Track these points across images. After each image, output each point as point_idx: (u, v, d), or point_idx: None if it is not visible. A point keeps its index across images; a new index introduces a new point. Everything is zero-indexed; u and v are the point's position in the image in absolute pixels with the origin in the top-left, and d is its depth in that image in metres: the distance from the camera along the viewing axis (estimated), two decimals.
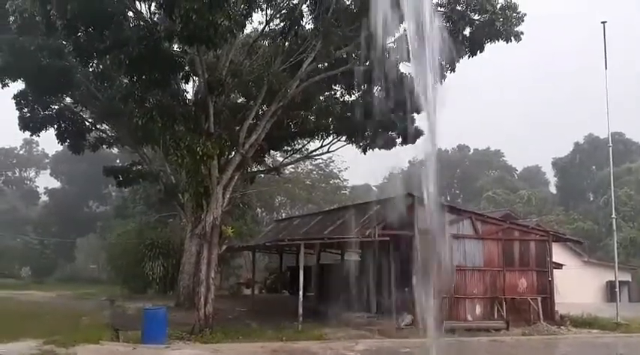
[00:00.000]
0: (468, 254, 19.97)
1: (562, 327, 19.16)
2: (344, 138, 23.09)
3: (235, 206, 29.86)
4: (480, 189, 65.05)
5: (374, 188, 74.50)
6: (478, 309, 19.60)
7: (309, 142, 25.18)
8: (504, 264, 20.22)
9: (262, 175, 30.07)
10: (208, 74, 16.84)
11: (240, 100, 22.68)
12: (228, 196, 17.14)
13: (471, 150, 77.57)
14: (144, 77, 16.14)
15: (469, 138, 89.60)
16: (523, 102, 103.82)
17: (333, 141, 23.83)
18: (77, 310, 19.97)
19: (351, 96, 21.56)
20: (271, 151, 26.58)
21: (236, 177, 17.33)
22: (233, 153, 17.58)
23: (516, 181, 68.18)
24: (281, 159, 31.19)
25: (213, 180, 16.44)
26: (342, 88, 21.51)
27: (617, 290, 23.42)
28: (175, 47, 17.26)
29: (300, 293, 17.35)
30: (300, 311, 16.84)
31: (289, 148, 25.87)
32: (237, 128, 18.18)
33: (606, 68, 22.70)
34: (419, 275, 18.76)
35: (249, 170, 20.80)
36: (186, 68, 18.04)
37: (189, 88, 21.43)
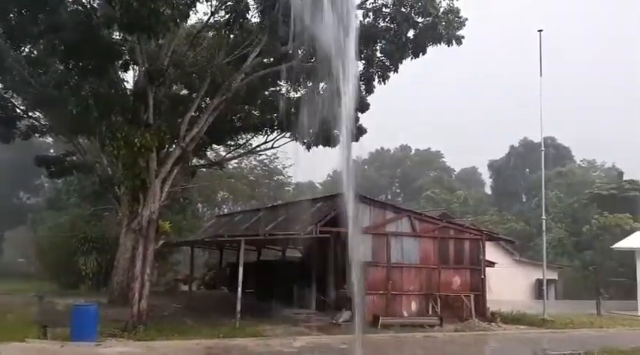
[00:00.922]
0: (406, 251, 20.39)
1: (493, 324, 19.91)
2: (288, 134, 23.04)
3: (175, 200, 29.21)
4: (419, 189, 66.73)
5: (318, 185, 75.09)
6: (414, 306, 20.06)
7: (252, 137, 24.95)
8: (440, 261, 20.79)
9: (204, 169, 29.58)
10: (149, 64, 16.35)
11: (182, 92, 22.19)
12: (166, 190, 16.72)
13: (413, 151, 79.42)
14: (80, 64, 15.50)
15: (412, 139, 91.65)
16: (464, 104, 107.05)
17: (278, 137, 23.73)
18: (2, 306, 18.94)
19: (296, 93, 21.53)
20: (214, 145, 26.18)
21: (175, 171, 16.91)
22: (173, 146, 17.17)
23: (454, 182, 70.39)
24: (224, 153, 30.78)
25: (151, 173, 15.99)
26: (287, 83, 21.44)
27: (545, 288, 24.60)
28: (115, 34, 16.67)
29: (239, 289, 17.17)
30: (239, 307, 16.66)
31: (232, 143, 25.56)
32: (179, 120, 17.77)
33: (541, 75, 23.75)
34: (356, 272, 19.03)
35: (189, 164, 20.38)
36: (126, 56, 17.46)
37: (129, 77, 20.77)
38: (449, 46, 17.97)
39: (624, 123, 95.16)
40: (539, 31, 23.85)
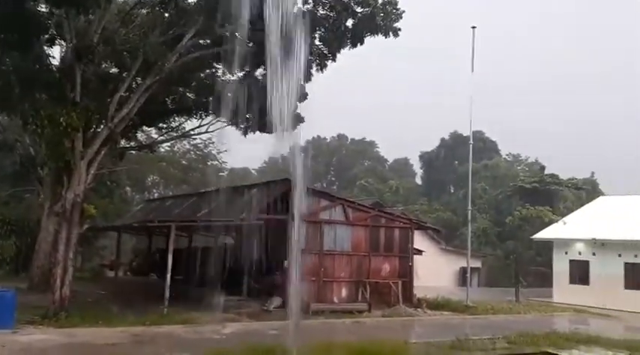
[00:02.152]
0: (338, 239, 20.69)
1: (419, 309, 20.63)
2: (224, 118, 22.63)
3: (102, 183, 28.11)
4: (354, 178, 67.72)
5: (253, 172, 74.55)
6: (344, 292, 20.42)
7: (186, 120, 24.32)
8: (370, 249, 21.24)
9: (134, 152, 28.58)
10: (77, 40, 15.56)
11: (113, 71, 21.26)
12: (92, 172, 16.04)
13: (349, 140, 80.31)
14: (2, 37, 14.51)
15: (348, 128, 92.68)
16: (399, 96, 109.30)
17: (213, 122, 23.27)
18: None
19: (233, 76, 21.16)
20: (144, 127, 25.32)
21: (102, 153, 16.26)
22: (101, 126, 16.48)
23: (387, 172, 71.92)
24: (156, 136, 29.85)
25: (76, 154, 15.29)
26: (224, 66, 21.02)
27: (469, 275, 25.72)
28: (41, 7, 15.70)
29: (168, 276, 16.84)
30: (167, 294, 16.35)
31: (164, 125, 24.81)
32: (108, 100, 17.05)
33: (472, 71, 24.61)
34: (290, 259, 19.12)
35: (118, 145, 19.62)
36: (52, 31, 16.51)
37: (56, 53, 19.65)
38: (386, 37, 18.18)
39: (548, 120, 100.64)
40: (473, 27, 24.68)
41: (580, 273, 29.19)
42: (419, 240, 25.93)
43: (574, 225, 31.30)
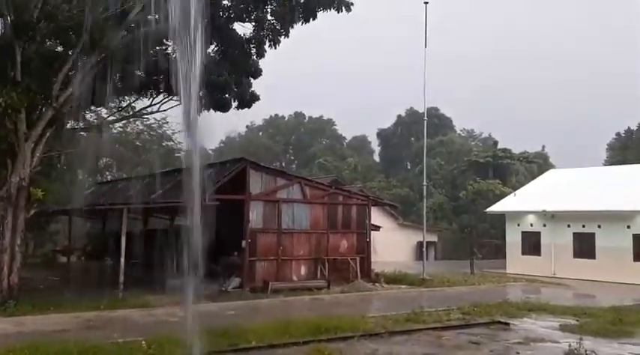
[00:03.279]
0: (296, 217, 20.67)
1: (376, 284, 20.96)
2: (177, 97, 22.05)
3: (51, 166, 27.07)
4: (312, 156, 67.69)
5: (210, 152, 73.51)
6: (303, 270, 20.51)
7: (136, 100, 23.57)
8: (329, 226, 21.34)
9: (84, 133, 27.59)
10: (16, 15, 14.72)
11: (57, 49, 20.32)
12: (38, 155, 15.42)
13: (307, 118, 79.99)
14: None
15: (305, 106, 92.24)
16: (356, 75, 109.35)
17: (164, 100, 22.63)
18: None
19: None
20: (93, 107, 24.43)
21: (48, 134, 15.61)
22: (46, 107, 15.77)
23: (345, 149, 72.16)
24: (106, 116, 28.86)
25: (20, 136, 14.64)
26: (175, 43, 20.39)
27: (425, 249, 26.25)
28: None
29: (122, 259, 16.48)
30: (122, 278, 16.03)
31: (114, 105, 23.98)
32: (53, 79, 16.30)
33: (426, 46, 24.73)
34: (247, 239, 19.03)
35: (65, 126, 18.89)
36: None
37: None
38: (338, 12, 17.98)
39: (502, 96, 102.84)
40: (425, 2, 24.72)
41: (532, 244, 30.24)
42: (377, 216, 26.23)
43: (526, 198, 32.30)
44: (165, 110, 23.57)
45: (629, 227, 26.34)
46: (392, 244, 33.32)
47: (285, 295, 17.60)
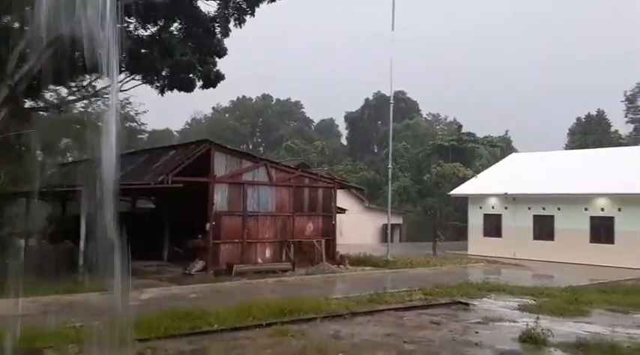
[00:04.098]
0: (262, 200, 20.56)
1: (341, 266, 21.10)
2: (138, 77, 21.51)
3: (9, 147, 26.16)
4: (280, 138, 67.38)
5: (175, 133, 72.24)
6: (268, 252, 20.48)
7: (97, 79, 22.90)
8: (294, 209, 21.32)
9: (43, 113, 26.71)
10: None
11: (15, 25, 19.48)
12: None
13: (274, 100, 79.40)
14: None
15: (273, 88, 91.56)
16: (324, 56, 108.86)
17: (126, 80, 22.06)
18: None
19: (146, 31, 20.04)
20: (52, 86, 23.63)
21: (3, 113, 15.02)
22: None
23: (313, 132, 72.07)
24: (66, 95, 27.97)
25: None
26: (137, 21, 19.84)
27: (389, 231, 26.53)
28: None
29: (82, 242, 16.11)
30: (81, 261, 15.69)
31: (74, 84, 23.25)
32: (8, 56, 15.64)
33: (393, 29, 24.72)
34: (212, 222, 18.84)
35: (22, 105, 18.23)
36: None
37: None
38: None
39: (466, 81, 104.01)
40: None
41: (493, 226, 30.93)
42: (343, 199, 26.36)
43: (488, 181, 32.91)
44: (126, 90, 23.08)
45: (586, 209, 27.17)
46: (358, 227, 33.59)
47: (250, 278, 17.56)
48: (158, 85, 21.36)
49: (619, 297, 13.75)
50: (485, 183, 32.58)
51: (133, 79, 21.73)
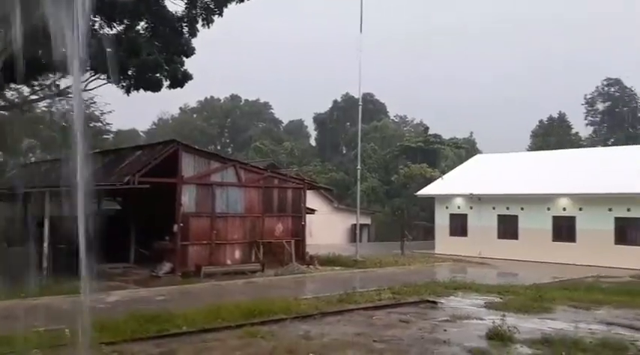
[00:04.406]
0: (231, 201, 20.42)
1: (311, 266, 21.14)
2: (104, 76, 21.09)
3: None
4: (249, 139, 66.99)
5: (141, 133, 71.00)
6: (237, 254, 20.35)
7: (61, 77, 22.37)
8: (264, 210, 21.24)
9: (4, 112, 26.00)
10: None
11: None
12: None
13: (243, 101, 78.86)
14: None
15: (242, 89, 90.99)
16: (294, 57, 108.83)
17: (91, 79, 21.60)
18: None
19: (112, 30, 19.68)
20: (13, 85, 22.99)
21: None
22: None
23: (282, 133, 71.90)
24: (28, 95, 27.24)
25: None
26: (102, 19, 19.46)
27: (358, 232, 26.70)
28: None
29: (45, 245, 15.75)
30: (45, 264, 15.29)
31: (36, 83, 22.67)
32: None
33: (361, 32, 24.89)
34: (179, 223, 18.62)
35: None
36: None
37: None
38: None
39: (433, 84, 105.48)
40: None
41: (459, 226, 31.45)
42: (312, 200, 26.37)
43: (454, 182, 33.45)
44: (91, 89, 22.61)
45: (549, 209, 27.90)
46: (327, 227, 33.66)
47: (219, 279, 17.42)
48: (124, 84, 20.99)
49: (581, 294, 14.16)
50: (451, 184, 33.11)
51: (98, 78, 21.33)
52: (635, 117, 62.38)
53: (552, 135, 60.41)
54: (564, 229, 27.30)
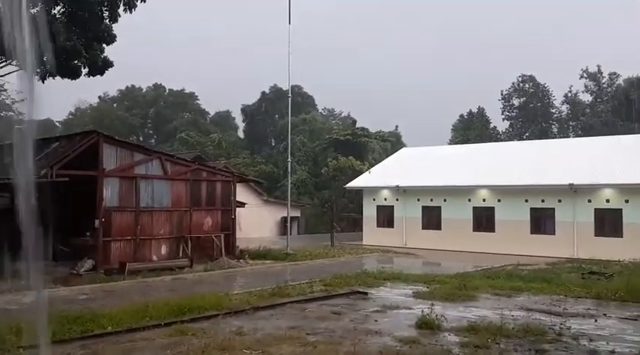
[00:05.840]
0: (156, 195, 19.74)
1: (241, 261, 20.89)
2: (14, 62, 19.70)
3: None
4: (174, 130, 65.11)
5: (57, 124, 67.14)
6: (164, 249, 19.74)
7: None
8: (192, 203, 20.71)
9: None
10: None
11: None
12: None
13: (167, 91, 76.44)
14: None
15: (166, 78, 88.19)
16: (218, 49, 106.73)
17: (1, 65, 20.19)
18: None
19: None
20: None
21: None
22: None
23: (209, 125, 70.40)
24: None
25: None
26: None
27: (289, 224, 26.67)
28: None
29: None
30: None
31: None
32: None
33: (290, 23, 24.75)
34: (101, 218, 17.79)
35: None
36: None
37: None
38: None
39: (361, 78, 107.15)
40: None
41: (386, 217, 32.21)
42: (241, 193, 26.03)
43: (381, 174, 34.18)
44: (2, 76, 21.15)
45: (469, 200, 29.12)
46: (257, 220, 33.45)
47: (144, 276, 16.79)
48: (39, 71, 19.70)
49: (502, 282, 14.86)
50: (378, 176, 33.80)
51: (9, 64, 19.95)
52: (547, 113, 66.32)
53: (472, 128, 63.15)
54: (484, 219, 28.63)
